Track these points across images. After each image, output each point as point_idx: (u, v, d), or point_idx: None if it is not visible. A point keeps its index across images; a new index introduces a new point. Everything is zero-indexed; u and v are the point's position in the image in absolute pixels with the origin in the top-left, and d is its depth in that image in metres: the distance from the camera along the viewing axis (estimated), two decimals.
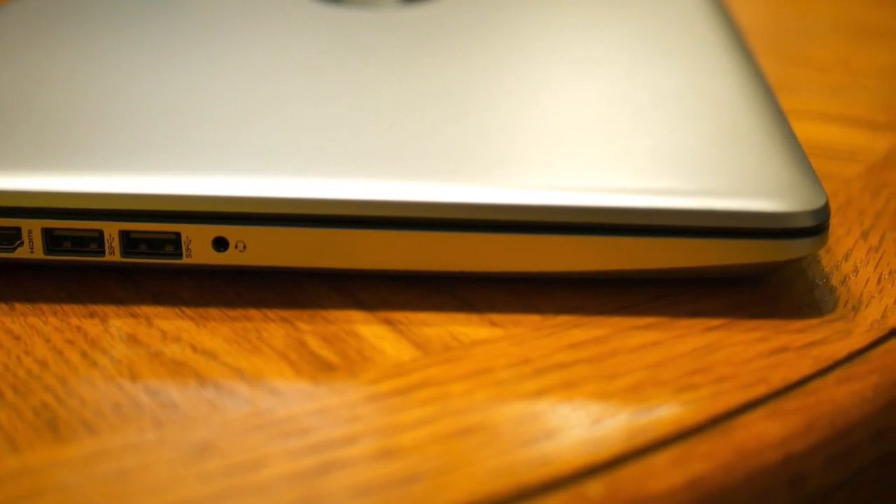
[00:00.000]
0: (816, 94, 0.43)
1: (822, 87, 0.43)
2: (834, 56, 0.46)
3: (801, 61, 0.46)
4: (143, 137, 0.30)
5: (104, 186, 0.28)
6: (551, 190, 0.27)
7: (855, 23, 0.51)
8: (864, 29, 0.50)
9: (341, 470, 0.23)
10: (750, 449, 0.24)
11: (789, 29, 0.50)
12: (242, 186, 0.27)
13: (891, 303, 0.29)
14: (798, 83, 0.44)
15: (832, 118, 0.40)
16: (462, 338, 0.27)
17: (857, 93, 0.43)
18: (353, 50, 0.36)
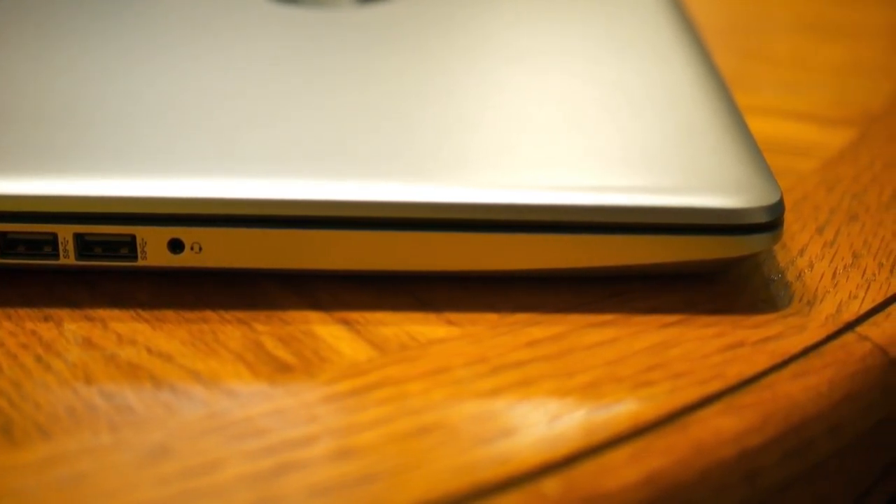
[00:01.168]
0: (773, 90, 0.43)
1: (779, 84, 0.43)
2: (790, 53, 0.47)
3: (757, 58, 0.46)
4: (97, 140, 0.29)
5: (58, 189, 0.27)
6: (507, 189, 0.27)
7: (811, 20, 0.51)
8: (820, 26, 0.50)
9: (298, 471, 0.23)
10: (706, 444, 0.24)
11: (746, 26, 0.50)
12: (197, 188, 0.27)
13: (845, 297, 0.29)
14: (755, 80, 0.44)
15: (788, 114, 0.41)
16: (419, 337, 0.27)
17: (812, 89, 0.43)
18: (309, 50, 0.36)
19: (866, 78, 0.44)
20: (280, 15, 0.39)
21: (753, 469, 0.25)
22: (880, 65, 0.45)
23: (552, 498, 0.23)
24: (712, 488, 0.24)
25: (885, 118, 0.40)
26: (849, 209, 0.34)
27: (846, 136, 0.39)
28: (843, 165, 0.37)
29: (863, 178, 0.36)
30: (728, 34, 0.49)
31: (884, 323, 0.29)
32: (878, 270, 0.30)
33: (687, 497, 0.24)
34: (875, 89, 0.43)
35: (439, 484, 0.23)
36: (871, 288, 0.30)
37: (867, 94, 0.42)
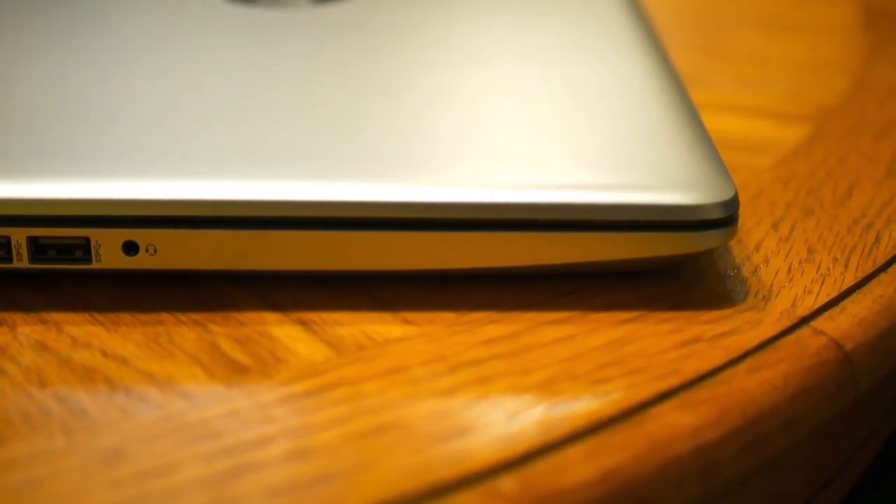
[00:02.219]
0: (728, 87, 0.43)
1: (734, 80, 0.44)
2: (745, 49, 0.47)
3: (713, 55, 0.46)
4: (49, 142, 0.29)
5: (11, 192, 0.27)
6: (462, 187, 0.27)
7: (766, 16, 0.51)
8: (775, 22, 0.50)
9: (254, 472, 0.23)
10: (662, 440, 0.24)
11: (702, 23, 0.51)
12: (151, 189, 0.27)
13: (801, 292, 0.29)
14: (710, 76, 0.44)
15: (744, 111, 0.41)
16: (376, 336, 0.27)
17: (768, 85, 0.43)
18: (265, 50, 0.36)
19: (821, 74, 0.44)
20: (237, 15, 0.39)
21: (709, 464, 0.25)
22: (835, 61, 0.46)
23: (508, 496, 0.23)
24: (668, 484, 0.24)
25: (840, 114, 0.41)
26: (804, 204, 0.34)
27: (801, 132, 0.39)
28: (799, 161, 0.37)
29: (818, 173, 0.36)
30: (684, 31, 0.49)
31: (838, 317, 0.29)
32: (832, 265, 0.31)
33: (643, 493, 0.24)
34: (830, 85, 0.43)
35: (396, 483, 0.23)
36: (825, 283, 0.30)
37: (822, 90, 0.43)
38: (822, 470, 0.37)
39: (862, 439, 0.40)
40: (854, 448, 0.39)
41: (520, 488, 0.23)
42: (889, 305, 0.29)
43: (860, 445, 0.40)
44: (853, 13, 0.52)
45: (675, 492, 0.24)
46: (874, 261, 0.31)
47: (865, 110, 0.41)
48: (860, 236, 0.32)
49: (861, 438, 0.40)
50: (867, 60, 0.46)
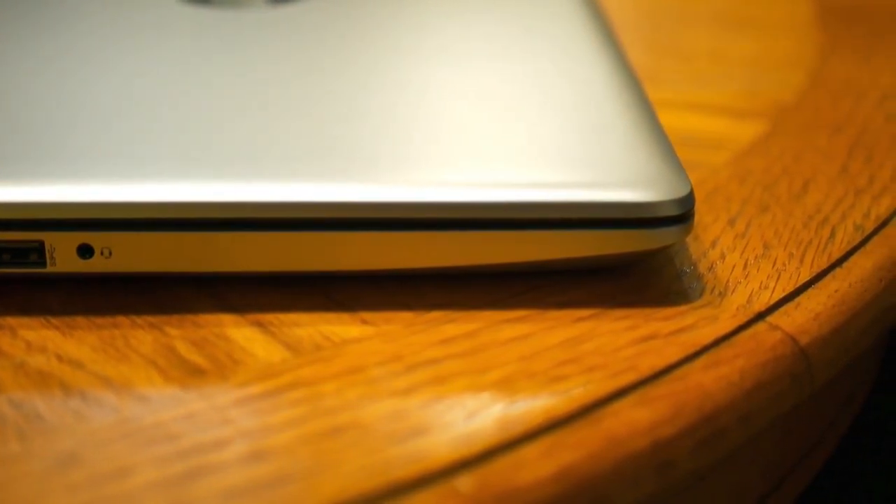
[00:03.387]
0: (685, 84, 0.43)
1: (691, 78, 0.44)
2: (702, 47, 0.47)
3: (669, 52, 0.47)
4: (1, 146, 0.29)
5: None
6: (418, 186, 0.27)
7: (722, 14, 0.52)
8: (731, 20, 0.51)
9: (210, 475, 0.23)
10: (619, 436, 0.24)
11: (659, 21, 0.51)
12: (105, 192, 0.27)
13: (756, 287, 0.30)
14: (667, 74, 0.44)
15: (700, 108, 0.41)
16: (333, 337, 0.27)
17: (724, 82, 0.43)
18: (220, 51, 0.36)
19: (777, 71, 0.45)
20: (192, 16, 0.39)
21: (666, 460, 0.25)
22: (791, 57, 0.46)
23: (466, 494, 0.23)
24: (625, 480, 0.24)
25: (795, 110, 0.41)
26: (760, 200, 0.34)
27: (758, 129, 0.39)
28: (755, 157, 0.37)
29: (774, 169, 0.36)
30: (641, 30, 0.50)
31: (794, 312, 0.29)
32: (788, 260, 0.31)
33: (600, 490, 0.24)
34: (786, 82, 0.43)
35: (353, 484, 0.23)
36: (781, 278, 0.30)
37: (778, 87, 0.43)
38: (781, 464, 0.37)
39: (820, 433, 0.40)
40: (812, 442, 0.39)
41: (477, 487, 0.23)
42: (844, 300, 0.30)
43: (819, 439, 0.40)
44: (809, 10, 0.52)
45: (633, 488, 0.25)
46: (829, 256, 0.31)
47: (821, 107, 0.41)
48: (815, 232, 0.32)
49: (819, 432, 0.40)
50: (823, 57, 0.46)
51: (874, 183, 0.35)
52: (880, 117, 0.40)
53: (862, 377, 0.44)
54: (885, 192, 0.35)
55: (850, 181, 0.35)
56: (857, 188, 0.35)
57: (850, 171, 0.36)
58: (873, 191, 0.35)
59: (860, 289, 0.30)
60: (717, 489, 0.33)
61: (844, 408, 0.42)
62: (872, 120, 0.40)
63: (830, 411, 0.41)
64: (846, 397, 0.42)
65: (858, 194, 0.35)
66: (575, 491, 0.24)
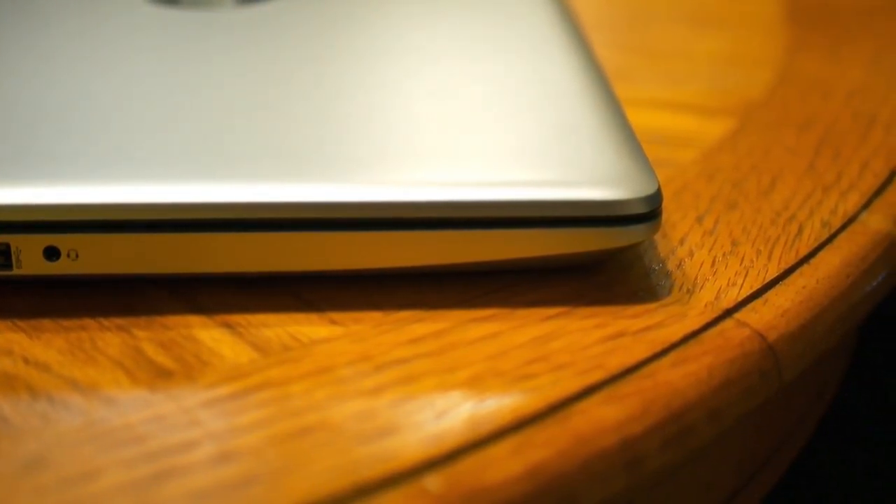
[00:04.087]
0: (654, 82, 0.43)
1: (659, 76, 0.44)
2: (670, 45, 0.47)
3: (638, 51, 0.47)
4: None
5: None
6: (386, 186, 0.27)
7: (690, 12, 0.52)
8: (699, 17, 0.51)
9: (178, 477, 0.23)
10: (587, 434, 0.25)
11: (627, 19, 0.51)
12: (71, 194, 0.27)
13: (724, 284, 0.30)
14: (636, 72, 0.44)
15: (669, 106, 0.41)
16: (302, 337, 0.27)
17: (692, 80, 0.44)
18: (188, 51, 0.35)
19: (745, 68, 0.45)
20: (160, 16, 0.39)
21: (635, 457, 0.25)
22: (758, 55, 0.46)
23: (434, 494, 0.23)
24: (594, 478, 0.24)
25: (763, 107, 0.41)
26: (728, 197, 0.34)
27: (726, 126, 0.39)
28: (723, 155, 0.37)
29: (742, 166, 0.36)
30: (609, 28, 0.50)
31: (762, 309, 0.29)
32: (756, 257, 0.31)
33: (569, 487, 0.24)
34: (753, 79, 0.44)
35: (321, 484, 0.22)
36: (749, 275, 0.30)
37: (746, 84, 0.43)
38: (752, 459, 0.37)
39: (791, 427, 0.40)
40: (783, 436, 0.40)
41: (446, 486, 0.23)
42: (812, 296, 0.30)
43: (789, 433, 0.40)
44: (776, 8, 0.52)
45: (602, 485, 0.25)
46: (797, 252, 0.31)
47: (789, 103, 0.41)
48: (783, 228, 0.33)
49: (790, 426, 0.40)
50: (791, 54, 0.46)
51: (841, 179, 0.36)
52: (848, 114, 0.40)
53: (833, 371, 0.44)
54: (852, 188, 0.35)
55: (818, 178, 0.36)
56: (825, 185, 0.35)
57: (817, 168, 0.36)
58: (841, 187, 0.35)
59: (827, 285, 0.30)
60: (688, 485, 0.33)
61: (815, 402, 0.42)
62: (840, 117, 0.40)
63: (801, 406, 0.41)
64: (817, 392, 0.42)
65: (826, 191, 0.35)
66: (544, 489, 0.24)
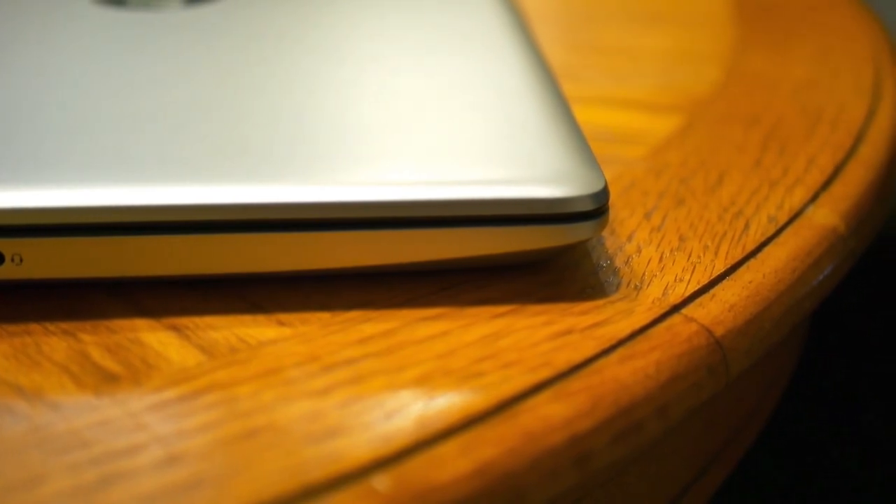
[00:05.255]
0: (602, 80, 0.44)
1: (608, 73, 0.44)
2: (618, 42, 0.48)
3: (587, 48, 0.47)
4: None
5: None
6: (333, 186, 0.27)
7: (638, 9, 0.52)
8: (647, 15, 0.51)
9: (124, 481, 0.22)
10: (536, 431, 0.25)
11: (576, 18, 0.51)
12: (14, 198, 0.27)
13: (672, 280, 0.30)
14: (584, 70, 0.44)
15: (617, 103, 0.41)
16: (249, 339, 0.27)
17: (640, 77, 0.44)
18: (136, 53, 0.35)
19: (692, 65, 0.45)
20: (107, 17, 0.38)
21: (584, 453, 0.25)
22: (705, 52, 0.47)
23: (383, 494, 0.23)
24: (543, 475, 0.24)
25: (711, 104, 0.41)
26: (676, 194, 0.34)
27: (674, 123, 0.40)
28: (671, 151, 0.37)
29: (690, 162, 0.36)
30: (557, 26, 0.50)
31: (709, 304, 0.29)
32: (703, 253, 0.31)
33: (518, 485, 0.24)
34: (701, 75, 0.44)
35: (268, 486, 0.22)
36: (696, 270, 0.30)
37: (693, 81, 0.43)
38: (705, 452, 0.38)
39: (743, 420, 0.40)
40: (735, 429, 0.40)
41: (394, 486, 0.23)
42: (758, 291, 0.30)
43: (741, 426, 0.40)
44: (723, 4, 0.53)
45: (551, 483, 0.25)
46: (744, 247, 0.32)
47: (736, 100, 0.42)
48: (730, 223, 0.33)
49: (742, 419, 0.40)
50: (738, 50, 0.47)
51: (788, 175, 0.36)
52: (794, 110, 0.41)
53: (783, 364, 0.45)
54: (798, 183, 0.35)
55: (765, 173, 0.36)
56: (772, 180, 0.35)
57: (764, 164, 0.36)
58: (787, 182, 0.35)
59: (774, 279, 0.30)
60: (641, 479, 0.34)
61: (766, 394, 0.43)
62: (786, 113, 0.41)
63: (752, 398, 0.41)
64: (768, 384, 0.42)
65: (772, 186, 0.35)
66: (493, 487, 0.24)
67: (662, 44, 0.47)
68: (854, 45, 0.48)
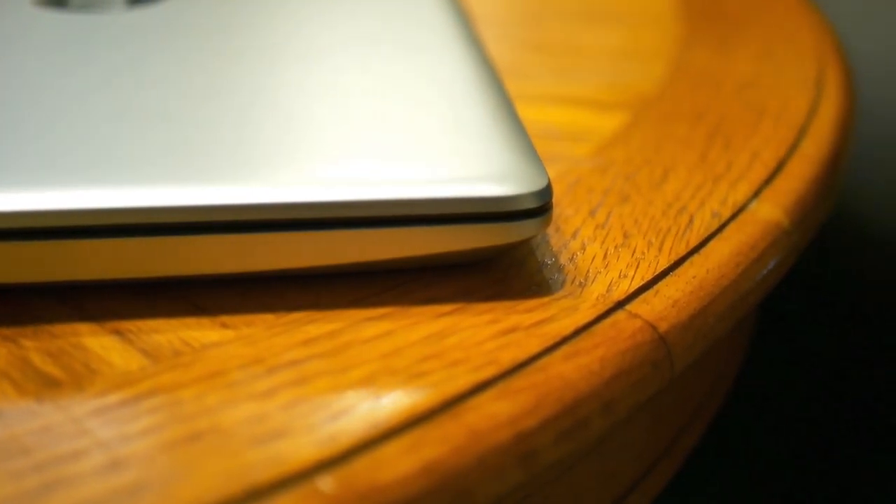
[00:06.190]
0: (547, 77, 0.44)
1: (553, 71, 0.44)
2: (564, 40, 0.48)
3: (532, 46, 0.47)
4: None
5: None
6: (276, 187, 0.27)
7: (584, 7, 0.52)
8: (592, 13, 0.51)
9: (66, 487, 0.22)
10: (481, 430, 0.25)
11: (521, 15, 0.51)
12: None
13: (616, 277, 0.30)
14: (530, 68, 0.44)
15: (563, 100, 0.42)
16: (193, 342, 0.27)
17: (586, 75, 0.44)
18: (78, 55, 0.35)
19: (639, 62, 0.45)
20: (47, 19, 0.38)
21: (529, 451, 0.25)
22: (651, 49, 0.47)
23: (328, 495, 0.23)
24: (489, 473, 0.24)
25: (656, 101, 0.42)
26: (621, 190, 0.35)
27: (619, 120, 0.40)
28: (617, 148, 0.37)
29: (635, 159, 0.37)
30: (502, 24, 0.50)
31: (653, 300, 0.29)
32: (647, 249, 0.31)
33: (464, 483, 0.24)
34: (647, 73, 0.44)
35: (212, 489, 0.22)
36: (640, 266, 0.31)
37: (639, 78, 0.44)
38: (653, 448, 0.38)
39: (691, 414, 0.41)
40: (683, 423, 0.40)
41: (339, 486, 0.23)
42: (702, 286, 0.30)
43: (690, 420, 0.41)
44: (668, 2, 0.53)
45: (497, 481, 0.25)
46: (687, 243, 0.32)
47: (681, 96, 0.42)
48: (674, 219, 0.33)
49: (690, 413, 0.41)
50: (683, 47, 0.47)
51: (731, 170, 0.36)
52: (739, 106, 0.41)
53: (730, 358, 0.45)
54: (741, 178, 0.35)
55: (709, 169, 0.36)
56: (715, 175, 0.36)
57: (708, 159, 0.37)
58: (731, 177, 0.36)
59: (717, 274, 0.31)
60: (589, 476, 0.34)
61: (714, 388, 0.43)
62: (731, 108, 0.41)
63: (700, 393, 0.41)
64: (715, 379, 0.43)
65: (716, 181, 0.35)
66: (439, 485, 0.24)
67: (608, 41, 0.47)
68: (798, 40, 0.48)
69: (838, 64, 0.47)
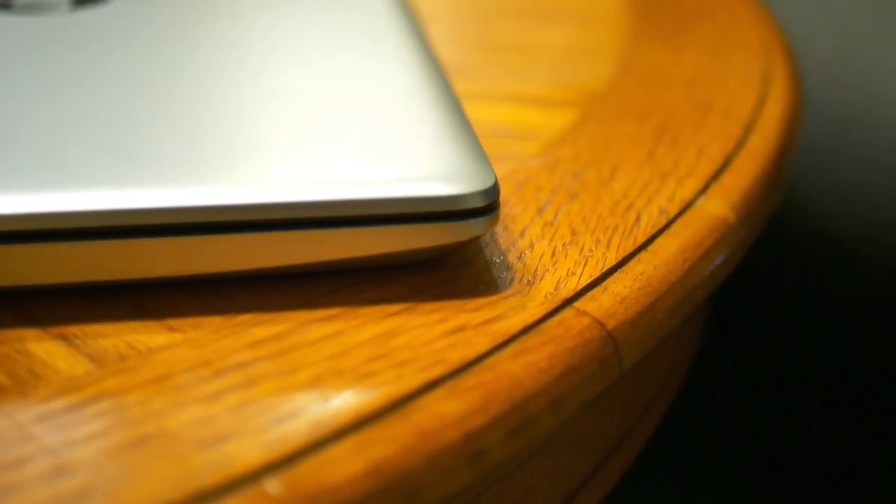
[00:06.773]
0: (495, 76, 0.44)
1: (501, 70, 0.44)
2: (512, 39, 0.48)
3: (480, 46, 0.47)
4: None
5: None
6: (221, 189, 0.27)
7: (531, 5, 0.52)
8: (541, 11, 0.51)
9: (12, 494, 0.22)
10: (430, 429, 0.25)
11: (468, 15, 0.51)
12: None
13: (564, 274, 0.30)
14: (478, 67, 0.45)
15: (511, 99, 0.42)
16: (139, 346, 0.27)
17: (534, 73, 0.44)
18: (25, 57, 0.35)
19: (586, 60, 0.45)
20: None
21: (479, 449, 0.25)
22: (600, 47, 0.47)
23: (275, 497, 0.23)
24: (439, 472, 0.24)
25: (605, 98, 0.42)
26: (569, 188, 0.35)
27: (568, 118, 0.40)
28: (565, 146, 0.38)
29: (583, 157, 0.37)
30: (450, 23, 0.50)
31: (601, 297, 0.29)
32: (595, 246, 0.31)
33: (414, 483, 0.24)
34: (595, 71, 0.44)
35: (159, 493, 0.22)
36: (588, 264, 0.31)
37: (587, 76, 0.44)
38: (603, 445, 0.38)
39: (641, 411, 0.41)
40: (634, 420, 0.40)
41: (287, 489, 0.23)
42: (649, 283, 0.30)
43: (640, 417, 0.41)
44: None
45: (446, 480, 0.25)
46: (635, 240, 0.32)
47: (629, 93, 0.42)
48: (622, 216, 0.33)
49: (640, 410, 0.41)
50: (631, 44, 0.47)
51: (679, 166, 0.36)
52: (686, 102, 0.41)
53: (680, 355, 0.45)
54: (689, 175, 0.36)
55: (657, 166, 0.36)
56: (663, 172, 0.36)
57: (656, 157, 0.37)
58: (678, 174, 0.36)
59: (665, 271, 0.31)
60: (539, 474, 0.34)
61: (664, 385, 0.43)
62: (679, 105, 0.41)
63: (650, 390, 0.42)
64: (665, 375, 0.43)
65: (664, 178, 0.35)
66: (388, 486, 0.24)
67: (556, 39, 0.48)
68: (744, 36, 0.49)
69: (785, 60, 0.47)
